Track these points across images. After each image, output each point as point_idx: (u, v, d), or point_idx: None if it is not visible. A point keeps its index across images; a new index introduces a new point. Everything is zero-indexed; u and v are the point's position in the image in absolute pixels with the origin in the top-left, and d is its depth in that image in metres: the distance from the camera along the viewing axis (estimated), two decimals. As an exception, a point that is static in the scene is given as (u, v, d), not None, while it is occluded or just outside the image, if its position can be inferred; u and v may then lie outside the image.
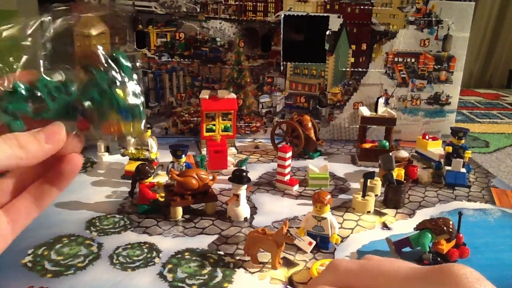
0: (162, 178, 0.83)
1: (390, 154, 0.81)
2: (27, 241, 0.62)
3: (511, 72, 2.39)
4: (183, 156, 0.80)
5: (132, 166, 0.79)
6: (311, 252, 0.62)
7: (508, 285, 0.57)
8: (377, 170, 0.85)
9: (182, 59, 1.08)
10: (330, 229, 0.62)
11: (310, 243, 0.62)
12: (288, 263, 0.59)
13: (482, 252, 0.64)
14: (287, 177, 0.85)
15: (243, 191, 0.70)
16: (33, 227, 0.67)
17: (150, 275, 0.56)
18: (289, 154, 0.84)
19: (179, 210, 0.71)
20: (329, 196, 0.63)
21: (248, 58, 1.09)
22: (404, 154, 0.91)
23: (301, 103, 1.13)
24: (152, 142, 0.89)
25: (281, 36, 1.07)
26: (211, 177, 0.73)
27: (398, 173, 0.82)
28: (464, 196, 0.83)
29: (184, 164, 0.80)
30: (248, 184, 0.71)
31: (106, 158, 0.95)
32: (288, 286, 0.54)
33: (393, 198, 0.77)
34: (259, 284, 0.55)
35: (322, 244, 0.63)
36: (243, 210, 0.71)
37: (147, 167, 0.73)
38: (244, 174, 0.70)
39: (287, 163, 0.84)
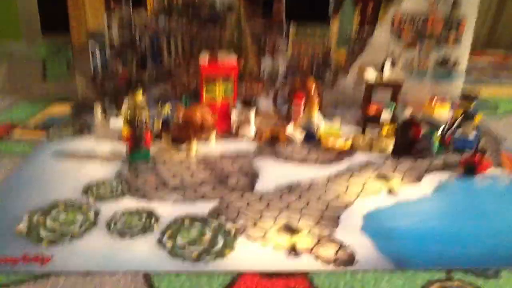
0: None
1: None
2: (22, 207, 0.60)
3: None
4: None
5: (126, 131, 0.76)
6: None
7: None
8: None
9: (180, 23, 1.03)
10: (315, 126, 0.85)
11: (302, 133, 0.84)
12: (291, 229, 0.57)
13: (492, 220, 0.62)
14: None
15: (252, 113, 0.88)
16: (28, 192, 0.65)
17: (149, 242, 0.54)
18: (303, 102, 0.94)
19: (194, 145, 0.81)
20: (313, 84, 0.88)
21: (249, 20, 1.04)
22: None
23: (304, 67, 1.09)
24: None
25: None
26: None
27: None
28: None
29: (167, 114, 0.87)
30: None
31: (103, 121, 0.92)
32: (291, 251, 0.53)
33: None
34: (261, 251, 0.53)
35: (309, 137, 0.86)
36: (252, 129, 0.89)
37: None
38: (253, 100, 0.91)
39: (302, 108, 0.95)
